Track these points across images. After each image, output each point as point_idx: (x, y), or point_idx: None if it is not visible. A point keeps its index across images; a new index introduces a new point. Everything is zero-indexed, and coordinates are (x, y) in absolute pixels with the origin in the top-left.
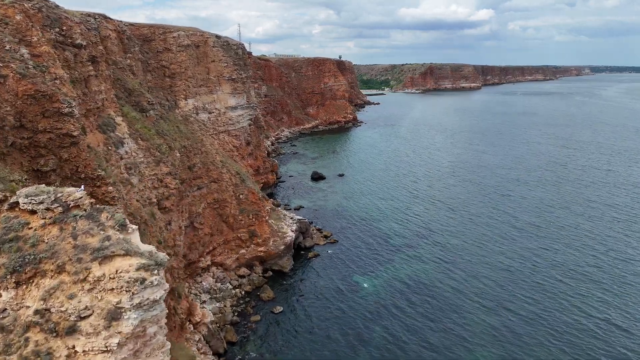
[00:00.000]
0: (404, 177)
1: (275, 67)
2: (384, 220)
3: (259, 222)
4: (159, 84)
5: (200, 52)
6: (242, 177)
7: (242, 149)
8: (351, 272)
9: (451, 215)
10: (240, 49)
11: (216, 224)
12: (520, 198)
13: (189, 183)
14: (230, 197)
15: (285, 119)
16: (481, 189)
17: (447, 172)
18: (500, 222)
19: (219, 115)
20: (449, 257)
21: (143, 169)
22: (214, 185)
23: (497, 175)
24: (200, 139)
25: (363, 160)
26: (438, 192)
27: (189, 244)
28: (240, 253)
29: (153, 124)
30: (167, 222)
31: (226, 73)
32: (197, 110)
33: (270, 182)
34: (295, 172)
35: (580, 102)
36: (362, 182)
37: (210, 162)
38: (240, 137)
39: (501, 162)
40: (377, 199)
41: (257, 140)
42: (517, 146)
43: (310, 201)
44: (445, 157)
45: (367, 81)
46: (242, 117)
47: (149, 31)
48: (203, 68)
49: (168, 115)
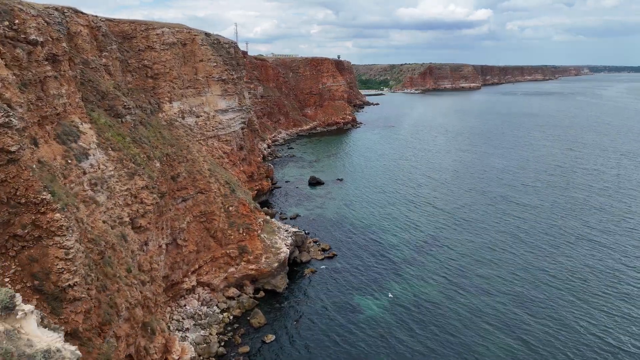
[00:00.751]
0: (405, 182)
1: (272, 67)
2: (385, 230)
3: (250, 237)
4: (140, 85)
5: (187, 50)
6: (232, 187)
7: (233, 155)
8: (351, 292)
9: (456, 225)
10: (233, 48)
11: (203, 239)
12: (530, 207)
13: (172, 195)
14: (219, 210)
15: (283, 121)
16: (487, 196)
17: (450, 177)
18: (510, 234)
19: (207, 119)
20: (456, 275)
21: (113, 184)
22: (200, 196)
23: (503, 181)
24: (186, 146)
25: (362, 163)
26: (441, 200)
27: (171, 263)
28: (229, 272)
29: (129, 130)
30: (144, 242)
31: (216, 73)
32: (183, 114)
33: (265, 189)
34: (292, 177)
35: (582, 102)
36: (362, 188)
37: (196, 171)
38: (232, 142)
39: (506, 166)
40: (378, 206)
41: (251, 144)
42: (521, 149)
43: (307, 209)
44: (448, 160)
45: (366, 81)
46: (234, 121)
47: (130, 27)
48: (190, 68)
49: (150, 120)
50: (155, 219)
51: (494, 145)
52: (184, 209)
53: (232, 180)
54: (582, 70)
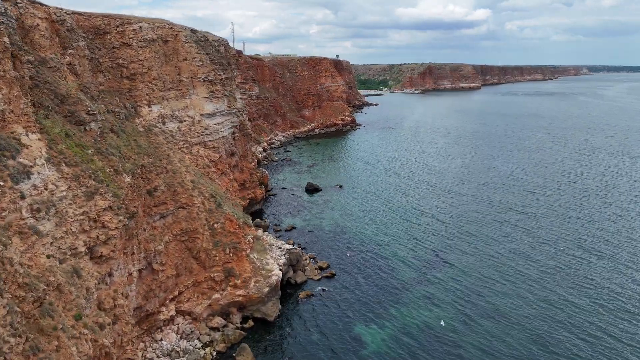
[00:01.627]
0: (407, 189)
1: (268, 66)
2: (386, 245)
3: (238, 258)
4: (114, 87)
5: (169, 48)
6: (218, 201)
7: (221, 163)
8: (351, 320)
9: (462, 239)
10: (223, 46)
11: (184, 261)
12: (540, 218)
13: (148, 212)
14: (202, 227)
15: (279, 122)
16: (494, 205)
17: (453, 184)
18: (520, 249)
19: (192, 124)
20: (466, 298)
21: (64, 208)
22: (181, 212)
23: (510, 188)
24: (166, 155)
25: (362, 168)
26: (445, 210)
27: (145, 291)
28: (213, 298)
29: (94, 140)
30: (106, 274)
31: (201, 73)
32: (163, 119)
33: (259, 197)
34: (289, 183)
35: (584, 103)
36: (362, 195)
37: (178, 184)
38: (220, 149)
39: (512, 170)
40: (379, 217)
41: (243, 149)
42: (527, 152)
43: (303, 220)
44: (450, 165)
45: (365, 81)
46: (222, 126)
47: (103, 22)
48: (172, 68)
49: (124, 126)
50: (123, 244)
51: (498, 148)
52: (162, 227)
53: (218, 193)
54: (581, 70)
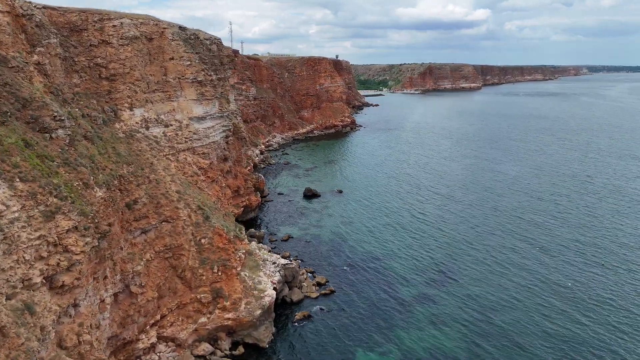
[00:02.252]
0: (408, 194)
1: (266, 66)
2: (389, 258)
3: (227, 277)
4: (91, 88)
5: (154, 46)
6: (206, 213)
7: (212, 170)
8: (353, 345)
9: (469, 252)
10: (215, 44)
11: (167, 280)
12: (551, 226)
13: (127, 227)
14: (188, 243)
15: (278, 124)
16: (502, 213)
17: (458, 190)
18: (533, 263)
19: (179, 129)
20: (474, 319)
21: (16, 231)
22: (165, 226)
23: (518, 194)
24: (149, 163)
25: (362, 172)
26: (451, 219)
27: (121, 318)
28: (199, 322)
29: (60, 150)
30: (70, 305)
31: (190, 74)
32: (147, 123)
33: (254, 204)
34: (286, 188)
35: (587, 103)
36: (362, 202)
37: (161, 195)
38: (210, 154)
39: (518, 174)
40: (380, 225)
41: (237, 154)
42: (533, 155)
43: (301, 228)
44: (454, 168)
45: (365, 81)
46: (213, 130)
47: (79, 18)
48: (158, 68)
49: (101, 132)
50: (92, 268)
51: (502, 150)
52: (143, 243)
53: (207, 204)
54: (581, 70)
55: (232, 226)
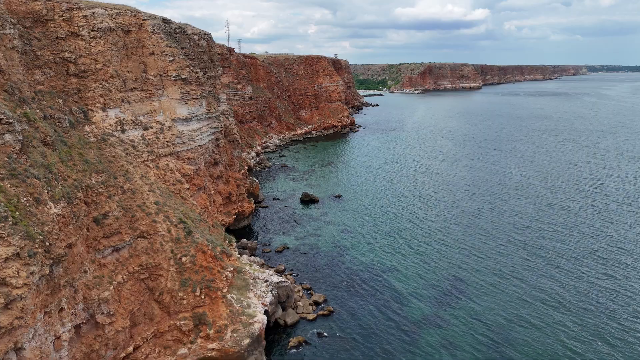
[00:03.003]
0: (411, 199)
1: (263, 65)
2: (392, 271)
3: (212, 300)
4: (57, 86)
5: (132, 40)
6: (188, 227)
7: (198, 177)
8: None
9: (478, 263)
10: (204, 40)
11: (143, 305)
12: (566, 235)
13: (95, 246)
14: (167, 261)
15: (275, 124)
16: (510, 221)
17: (462, 194)
18: (550, 278)
19: (160, 132)
20: (488, 343)
21: None
22: (141, 242)
23: (527, 199)
24: (123, 170)
25: (362, 175)
26: (455, 226)
27: (84, 354)
28: (179, 354)
29: (8, 158)
30: (13, 349)
31: (173, 70)
32: (122, 126)
33: (247, 212)
34: (282, 193)
35: (590, 103)
36: (363, 208)
37: (137, 207)
38: (197, 159)
39: (525, 178)
40: (382, 234)
41: (229, 158)
42: (538, 157)
43: (297, 238)
44: (457, 171)
45: (364, 81)
46: (200, 132)
47: (45, 7)
48: (136, 64)
49: (67, 136)
50: (42, 302)
51: (507, 152)
52: (115, 263)
53: (190, 216)
54: (580, 70)
55: (219, 240)
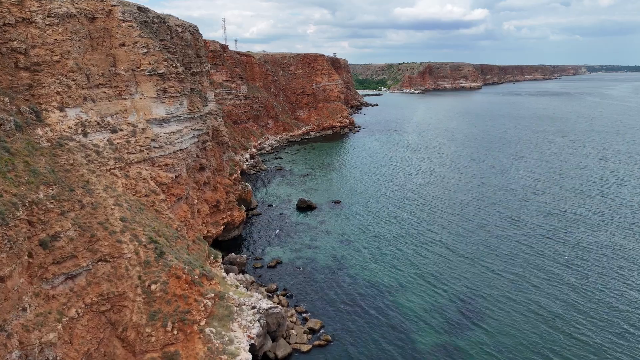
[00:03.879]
0: (414, 206)
1: (259, 64)
2: (396, 291)
3: (186, 336)
4: (4, 82)
5: (98, 28)
6: (160, 248)
7: (178, 186)
8: None
9: (490, 281)
10: (189, 33)
11: (103, 344)
12: (584, 247)
13: (41, 275)
14: (133, 290)
15: (271, 125)
16: (520, 227)
17: (468, 200)
18: (569, 297)
19: (132, 135)
20: None
21: None
22: (102, 267)
23: (539, 205)
24: (83, 182)
25: (363, 179)
26: (462, 236)
27: None
28: None
29: None
30: None
31: (147, 65)
32: (84, 128)
33: (237, 221)
34: (277, 199)
35: (593, 103)
36: (363, 215)
37: (98, 225)
38: (176, 166)
39: (535, 182)
40: (384, 246)
41: (217, 162)
42: (547, 159)
43: (292, 250)
44: (462, 174)
45: (363, 81)
46: (180, 135)
47: None
48: (103, 56)
49: (10, 141)
50: None
51: (513, 154)
52: (68, 294)
53: (164, 233)
54: (580, 70)
55: (199, 260)
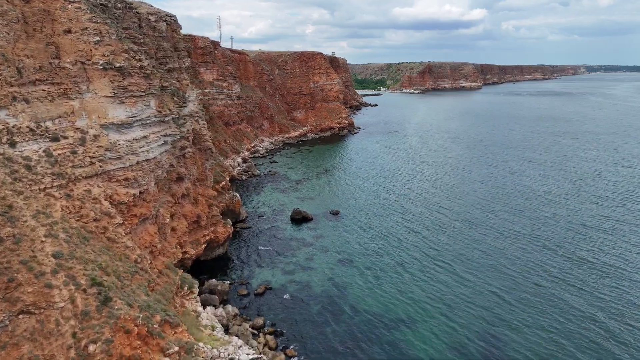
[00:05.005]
0: (421, 219)
1: (253, 62)
2: (406, 326)
3: None
4: None
5: (35, 11)
6: (106, 293)
7: (143, 205)
8: None
9: (511, 314)
10: (165, 23)
11: None
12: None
13: None
14: (65, 352)
15: (266, 126)
16: (539, 246)
17: (479, 211)
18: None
19: (80, 143)
20: None
21: None
22: (24, 322)
23: (557, 217)
24: (4, 206)
25: (362, 186)
26: (475, 255)
27: None
28: None
29: None
30: None
31: (101, 56)
32: (11, 136)
33: (221, 238)
34: (270, 208)
35: (597, 103)
36: (364, 230)
37: (21, 264)
38: (141, 180)
39: (551, 190)
40: (389, 267)
41: (199, 171)
42: (558, 163)
43: (284, 272)
44: (470, 181)
45: (362, 81)
46: (146, 142)
47: None
48: (42, 45)
49: None
50: None
51: (523, 158)
52: None
53: (115, 270)
54: (579, 70)
55: (162, 302)
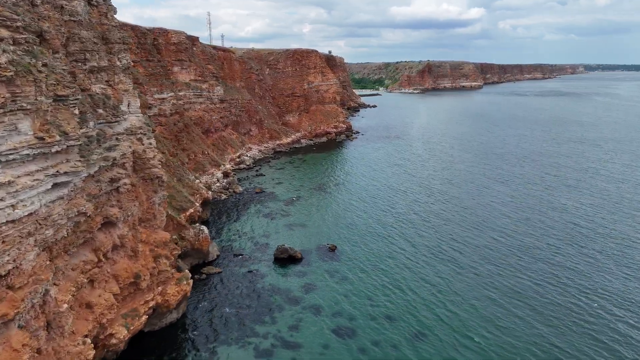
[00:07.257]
0: (439, 260)
1: (239, 60)
2: None
3: None
4: None
5: None
6: None
7: (3, 299)
8: None
9: None
10: (84, 3)
11: None
12: None
13: None
14: None
15: (255, 132)
16: (579, 286)
17: (510, 250)
18: None
19: None
20: None
21: None
22: None
23: (596, 241)
24: None
25: (365, 209)
26: (516, 321)
27: None
28: None
29: None
30: None
31: None
32: None
33: (172, 303)
34: (250, 241)
35: (605, 104)
36: (368, 274)
37: None
38: (3, 255)
39: (586, 211)
40: (404, 342)
41: (143, 208)
42: (590, 178)
43: (259, 353)
44: (491, 204)
45: (360, 80)
46: (15, 191)
47: None
48: None
49: None
50: None
51: (546, 171)
52: None
53: None
54: (577, 69)
55: None
